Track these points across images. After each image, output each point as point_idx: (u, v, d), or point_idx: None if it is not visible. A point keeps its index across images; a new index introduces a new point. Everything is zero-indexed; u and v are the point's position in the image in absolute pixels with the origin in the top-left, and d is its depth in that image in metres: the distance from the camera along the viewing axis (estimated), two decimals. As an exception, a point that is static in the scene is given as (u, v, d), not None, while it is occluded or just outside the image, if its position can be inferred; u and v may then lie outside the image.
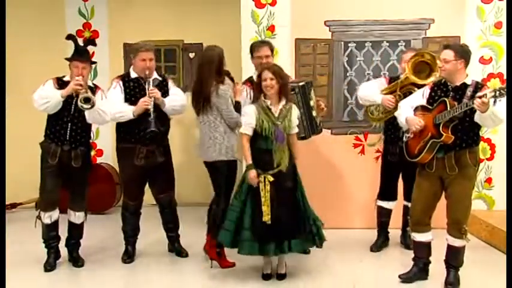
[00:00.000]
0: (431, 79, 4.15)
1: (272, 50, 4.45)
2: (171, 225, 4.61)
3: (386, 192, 4.68)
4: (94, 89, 4.19)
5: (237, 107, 4.17)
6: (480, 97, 3.38)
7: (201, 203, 5.93)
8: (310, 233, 3.91)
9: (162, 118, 4.32)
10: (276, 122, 3.86)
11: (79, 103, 3.94)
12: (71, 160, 4.12)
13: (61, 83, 4.10)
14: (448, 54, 3.67)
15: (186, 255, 4.55)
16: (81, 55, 4.13)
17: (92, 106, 3.95)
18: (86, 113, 4.06)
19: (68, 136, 4.10)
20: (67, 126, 4.10)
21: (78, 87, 3.97)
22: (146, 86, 4.24)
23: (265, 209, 3.77)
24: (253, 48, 4.47)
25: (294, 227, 3.85)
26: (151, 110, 4.16)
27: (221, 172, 4.20)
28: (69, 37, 4.18)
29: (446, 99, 3.63)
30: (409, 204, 4.50)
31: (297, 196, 3.93)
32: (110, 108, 4.19)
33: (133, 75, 4.33)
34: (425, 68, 4.31)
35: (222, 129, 4.15)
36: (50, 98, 4.00)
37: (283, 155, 3.86)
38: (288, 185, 3.86)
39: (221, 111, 4.12)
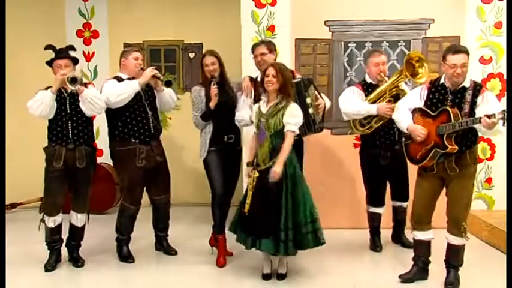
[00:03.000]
0: (423, 79, 4.21)
1: (270, 49, 4.41)
2: (162, 225, 4.63)
3: (377, 198, 4.66)
4: (84, 86, 4.18)
5: (209, 110, 4.26)
6: (489, 117, 3.37)
7: (195, 203, 5.97)
8: (280, 237, 3.78)
9: (157, 116, 4.41)
10: (261, 119, 3.88)
11: (68, 84, 3.94)
12: (75, 161, 4.12)
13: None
14: (465, 58, 3.61)
15: (175, 253, 4.58)
16: (62, 53, 4.15)
17: (81, 83, 3.99)
18: (81, 103, 4.06)
19: (70, 134, 4.10)
20: (67, 125, 4.10)
21: (64, 76, 3.97)
22: (150, 68, 4.29)
23: (248, 201, 3.86)
24: (252, 48, 4.52)
25: (267, 226, 3.80)
26: (159, 74, 4.27)
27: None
28: (48, 47, 4.16)
29: (448, 108, 3.60)
30: (398, 204, 4.63)
31: (280, 196, 3.79)
32: (111, 93, 4.15)
33: (124, 76, 4.33)
34: (409, 66, 4.34)
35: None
36: (42, 98, 4.00)
37: (265, 153, 3.85)
38: (269, 184, 3.79)
39: None
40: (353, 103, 4.45)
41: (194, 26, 6.32)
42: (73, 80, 3.96)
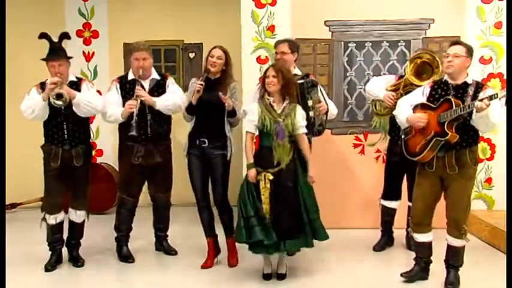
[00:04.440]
0: (433, 78, 4.15)
1: (292, 49, 4.37)
2: (161, 225, 4.64)
3: (389, 191, 4.67)
4: (78, 83, 4.19)
5: (190, 105, 4.14)
6: (490, 98, 3.36)
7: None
8: (305, 233, 3.87)
9: (160, 119, 4.32)
10: (278, 119, 3.84)
11: (51, 99, 3.94)
12: (72, 160, 4.13)
13: (44, 87, 4.06)
14: (460, 49, 3.63)
15: (175, 253, 4.59)
16: (55, 53, 4.12)
17: (65, 102, 3.95)
18: (74, 108, 4.06)
19: (66, 135, 4.11)
20: (62, 125, 4.10)
21: (53, 86, 3.96)
22: (136, 87, 4.22)
23: (265, 207, 3.79)
24: (275, 44, 4.54)
25: (292, 227, 3.83)
26: (136, 113, 4.14)
27: None
28: (42, 36, 4.14)
29: (451, 97, 3.60)
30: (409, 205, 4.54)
31: (298, 195, 3.88)
32: (105, 110, 4.25)
33: (130, 76, 4.35)
34: (427, 69, 4.30)
35: None
36: (34, 105, 4.01)
37: (283, 152, 3.84)
38: (288, 183, 3.84)
39: None
40: (373, 83, 4.61)
41: (194, 26, 6.32)
42: (58, 97, 3.95)
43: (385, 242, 4.73)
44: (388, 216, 4.72)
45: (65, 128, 4.11)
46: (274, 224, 3.79)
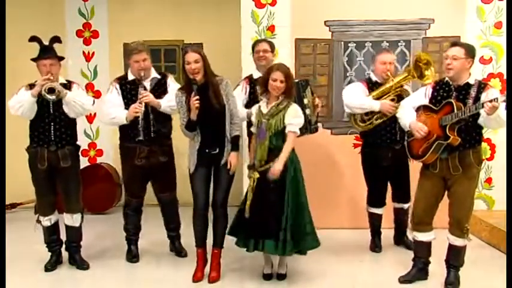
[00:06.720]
0: (429, 80, 4.16)
1: (272, 48, 4.52)
2: (172, 225, 4.63)
3: (377, 198, 4.64)
4: (68, 85, 4.18)
5: (190, 122, 3.89)
6: (491, 101, 3.36)
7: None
8: (281, 239, 3.75)
9: (162, 119, 4.31)
10: (262, 119, 3.85)
11: (42, 92, 3.93)
12: (59, 161, 4.11)
13: (33, 87, 4.04)
14: (459, 51, 3.60)
15: (185, 255, 4.56)
16: (47, 52, 4.11)
17: (57, 96, 3.95)
18: (65, 107, 4.06)
19: (52, 136, 4.08)
20: (50, 127, 4.08)
21: (44, 82, 3.96)
22: (139, 90, 4.20)
23: (248, 204, 3.82)
24: (253, 45, 4.57)
25: (269, 227, 3.77)
26: (141, 117, 4.15)
27: None
28: (32, 39, 4.12)
29: (452, 100, 3.60)
30: (399, 206, 4.63)
31: (279, 196, 3.78)
32: (106, 112, 4.26)
33: (130, 77, 4.32)
34: (416, 67, 4.33)
35: None
36: (23, 100, 4.00)
37: (263, 151, 3.82)
38: (270, 184, 3.77)
39: None
40: (357, 96, 4.46)
41: (194, 26, 6.32)
42: (50, 91, 3.95)
43: (378, 242, 4.71)
44: (376, 221, 4.71)
45: (52, 129, 4.08)
46: (252, 223, 3.81)
